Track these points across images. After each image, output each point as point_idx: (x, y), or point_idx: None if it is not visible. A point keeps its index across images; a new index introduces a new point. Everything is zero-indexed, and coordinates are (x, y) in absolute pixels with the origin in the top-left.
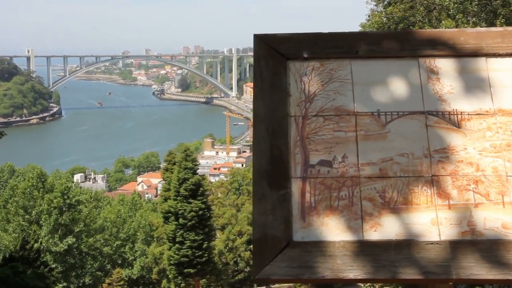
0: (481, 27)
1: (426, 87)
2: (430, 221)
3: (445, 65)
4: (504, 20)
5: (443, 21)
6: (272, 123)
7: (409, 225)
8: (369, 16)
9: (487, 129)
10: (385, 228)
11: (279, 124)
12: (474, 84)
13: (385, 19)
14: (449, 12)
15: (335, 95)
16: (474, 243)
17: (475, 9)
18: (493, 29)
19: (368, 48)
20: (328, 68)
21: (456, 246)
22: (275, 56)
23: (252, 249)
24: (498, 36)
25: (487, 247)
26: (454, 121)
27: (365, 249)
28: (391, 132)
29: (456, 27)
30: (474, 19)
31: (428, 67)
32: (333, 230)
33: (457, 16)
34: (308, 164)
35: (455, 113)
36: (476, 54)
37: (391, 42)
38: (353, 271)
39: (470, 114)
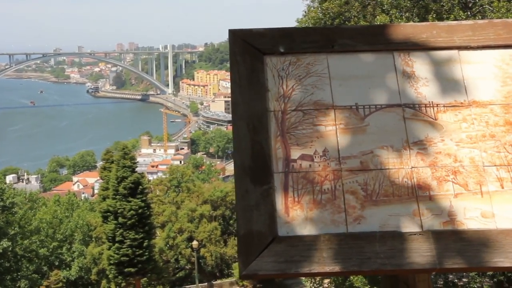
0: (414, 21)
1: (402, 80)
2: (412, 212)
3: (419, 58)
4: (435, 15)
5: (377, 16)
6: (252, 119)
7: (392, 216)
8: (305, 12)
9: (462, 120)
10: (368, 221)
11: (259, 119)
12: (448, 77)
13: (321, 14)
14: (383, 8)
15: (313, 90)
16: (455, 232)
17: (408, 5)
18: (463, 22)
19: (344, 42)
20: (305, 62)
21: (438, 236)
22: (251, 51)
23: (237, 245)
24: (469, 29)
25: (468, 236)
26: (430, 114)
27: (349, 242)
28: (370, 125)
29: (390, 22)
30: (407, 14)
31: (403, 61)
32: (317, 224)
33: (391, 12)
34: (290, 159)
35: (431, 105)
36: (448, 47)
37: (365, 36)
38: (339, 264)
39: (446, 106)
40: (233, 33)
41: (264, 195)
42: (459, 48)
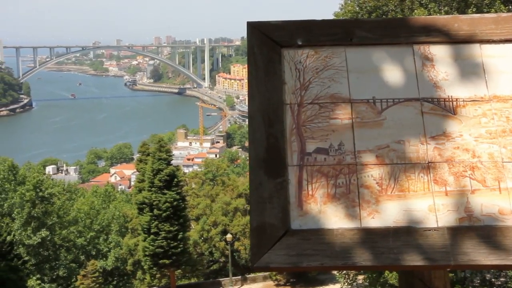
0: None
1: (421, 73)
2: (428, 208)
3: (439, 52)
4: (475, 9)
5: (415, 11)
6: (268, 111)
7: (407, 212)
8: (342, 5)
9: (482, 115)
10: (382, 215)
11: (274, 112)
12: (469, 71)
13: (357, 8)
14: (422, 1)
15: (330, 83)
16: (472, 229)
17: None
18: (486, 15)
19: (362, 35)
20: (323, 55)
21: (453, 233)
22: (269, 43)
23: (250, 237)
24: (492, 23)
25: (484, 233)
26: (449, 108)
27: (363, 236)
28: (387, 119)
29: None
30: (446, 8)
31: (422, 54)
32: (330, 217)
33: (429, 5)
34: (305, 152)
35: (450, 99)
36: (470, 40)
37: (385, 29)
38: (351, 259)
39: (465, 101)
40: (251, 26)
41: (278, 188)
42: (481, 41)
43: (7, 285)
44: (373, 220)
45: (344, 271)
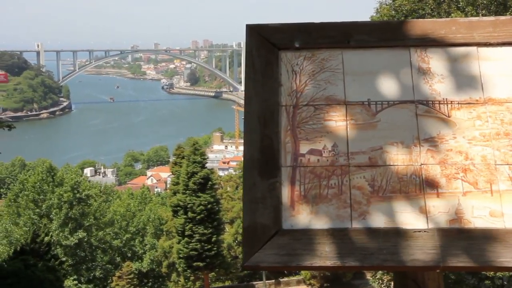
0: None
1: (417, 76)
2: (419, 209)
3: (436, 55)
4: None
5: (452, 14)
6: (263, 113)
7: (398, 213)
8: (377, 9)
9: (476, 118)
10: (373, 216)
11: (270, 113)
12: (465, 74)
13: (393, 11)
14: (459, 5)
15: (326, 85)
16: (462, 231)
17: (485, 2)
18: (484, 18)
19: (360, 38)
20: (320, 58)
21: (444, 234)
22: (267, 46)
23: (242, 237)
24: (490, 26)
25: (474, 235)
26: (444, 111)
27: (353, 237)
28: (381, 121)
29: None
30: (483, 11)
31: (419, 57)
32: (322, 218)
33: (466, 9)
34: (298, 153)
35: (445, 102)
36: (467, 43)
37: (382, 32)
38: (341, 259)
39: (460, 103)
40: (250, 28)
41: (270, 189)
42: (478, 44)
43: (44, 285)
44: (364, 221)
45: (378, 276)
